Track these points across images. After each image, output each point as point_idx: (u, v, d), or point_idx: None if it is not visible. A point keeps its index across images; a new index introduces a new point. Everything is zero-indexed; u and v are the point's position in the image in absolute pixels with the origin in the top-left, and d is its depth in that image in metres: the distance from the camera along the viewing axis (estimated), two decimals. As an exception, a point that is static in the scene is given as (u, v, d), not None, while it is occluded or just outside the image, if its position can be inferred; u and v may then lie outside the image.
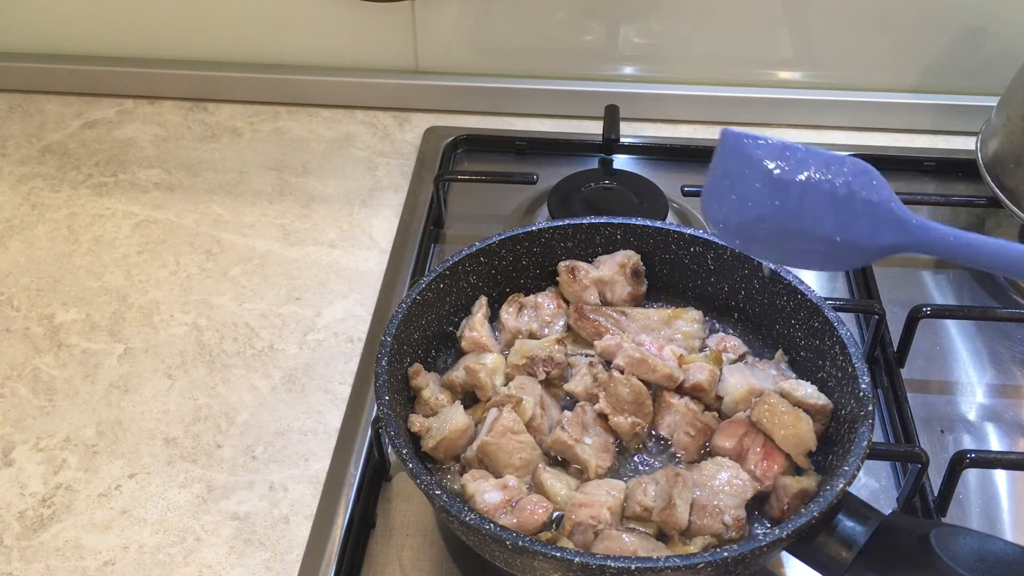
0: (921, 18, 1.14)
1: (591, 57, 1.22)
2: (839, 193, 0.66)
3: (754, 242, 0.69)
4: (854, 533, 0.66)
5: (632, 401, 0.76)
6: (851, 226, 0.66)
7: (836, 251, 0.67)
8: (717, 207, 0.69)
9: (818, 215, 0.66)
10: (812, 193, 0.66)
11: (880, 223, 0.66)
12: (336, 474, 0.82)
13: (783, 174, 0.66)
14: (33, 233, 1.06)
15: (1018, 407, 0.88)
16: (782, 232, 0.67)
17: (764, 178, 0.67)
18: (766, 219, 0.67)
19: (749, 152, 0.67)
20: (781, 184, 0.66)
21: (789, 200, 0.66)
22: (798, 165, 0.66)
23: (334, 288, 1.00)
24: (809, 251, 0.68)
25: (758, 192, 0.67)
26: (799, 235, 0.67)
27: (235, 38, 1.23)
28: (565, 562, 0.62)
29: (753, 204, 0.67)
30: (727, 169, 0.68)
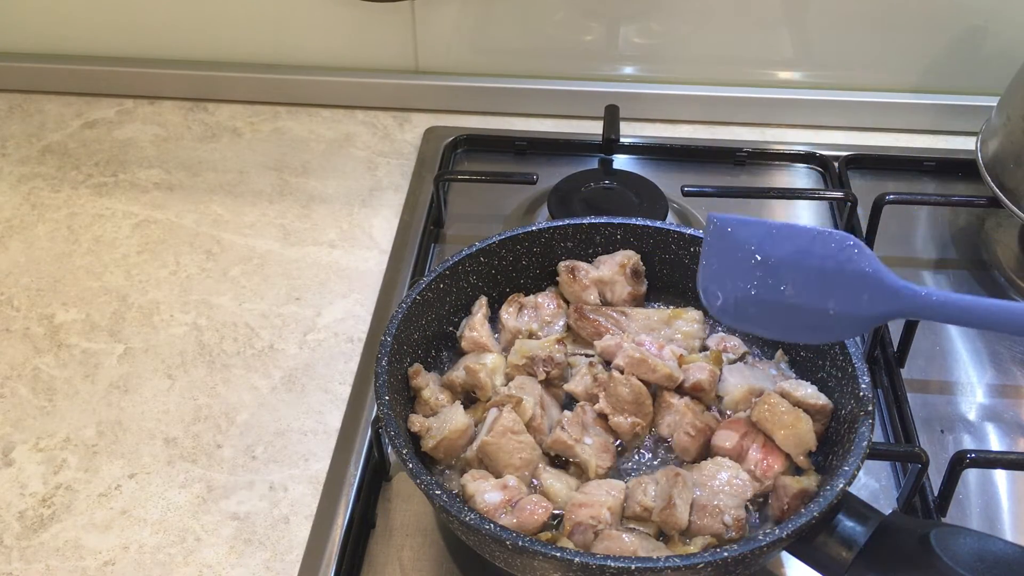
0: (921, 18, 1.14)
1: (591, 57, 1.22)
2: (827, 268, 0.68)
3: (751, 320, 0.72)
4: (854, 533, 0.66)
5: (632, 401, 0.76)
6: (842, 298, 0.68)
7: (831, 323, 0.69)
8: (712, 289, 0.72)
9: (809, 290, 0.69)
10: (801, 270, 0.69)
11: (871, 293, 0.67)
12: (336, 474, 0.82)
13: (770, 254, 0.69)
14: (33, 233, 1.06)
15: (1018, 407, 0.88)
16: (777, 309, 0.70)
17: (752, 259, 0.70)
18: (759, 298, 0.70)
19: (735, 236, 0.70)
20: (769, 264, 0.69)
21: (779, 278, 0.69)
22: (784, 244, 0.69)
23: (334, 288, 1.00)
24: (805, 325, 0.70)
25: (748, 273, 0.70)
26: (793, 311, 0.69)
27: (235, 38, 1.23)
28: (565, 562, 0.62)
29: (745, 284, 0.70)
30: (716, 254, 0.71)
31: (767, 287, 0.70)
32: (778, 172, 1.14)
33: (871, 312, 0.68)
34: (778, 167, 1.15)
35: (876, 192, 1.02)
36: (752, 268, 0.70)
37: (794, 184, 1.13)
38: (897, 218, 1.05)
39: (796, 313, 0.69)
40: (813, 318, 0.69)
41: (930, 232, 1.07)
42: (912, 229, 1.07)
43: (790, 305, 0.69)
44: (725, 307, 0.72)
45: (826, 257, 0.68)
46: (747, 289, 0.70)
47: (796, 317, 0.70)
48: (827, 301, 0.68)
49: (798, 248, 0.69)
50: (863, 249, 0.68)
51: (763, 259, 0.69)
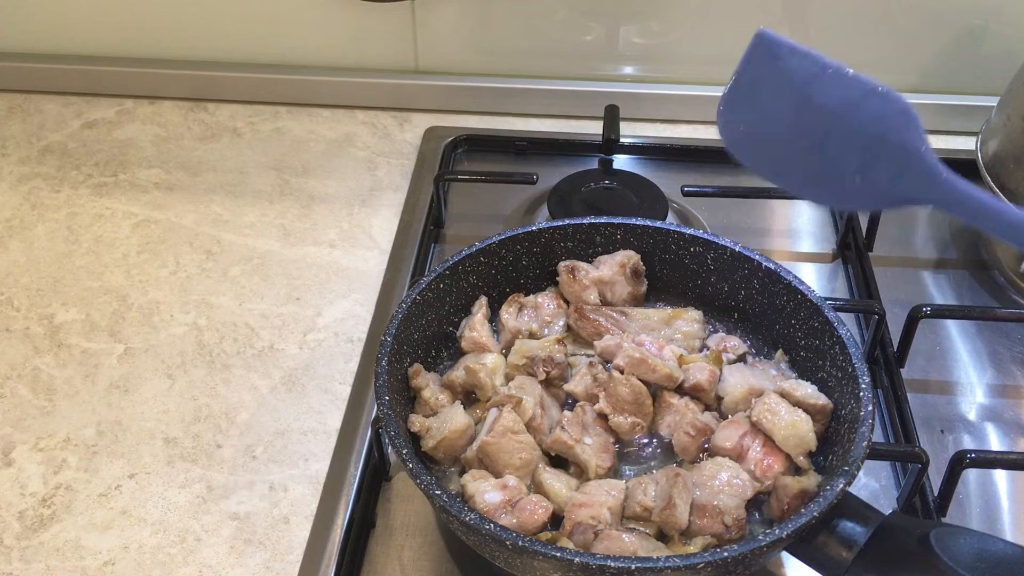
0: (921, 18, 1.14)
1: (591, 57, 1.22)
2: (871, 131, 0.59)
3: (764, 161, 0.64)
4: (854, 533, 0.66)
5: (632, 401, 0.76)
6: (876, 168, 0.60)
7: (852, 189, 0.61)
8: (734, 116, 0.64)
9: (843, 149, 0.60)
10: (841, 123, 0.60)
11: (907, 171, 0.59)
12: (336, 474, 0.82)
13: (814, 95, 0.60)
14: (33, 233, 1.06)
15: (1018, 407, 0.88)
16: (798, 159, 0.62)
17: (793, 96, 0.61)
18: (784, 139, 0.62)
19: (783, 63, 0.61)
20: (811, 107, 0.60)
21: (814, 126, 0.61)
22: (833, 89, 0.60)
23: (334, 288, 1.00)
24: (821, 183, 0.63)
25: (782, 109, 0.61)
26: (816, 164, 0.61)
27: (235, 38, 1.23)
28: (565, 562, 0.62)
29: (774, 122, 0.62)
30: (754, 77, 0.62)
31: (798, 131, 0.61)
32: (778, 172, 1.14)
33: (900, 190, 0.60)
34: (778, 167, 1.15)
35: (876, 192, 1.02)
36: (789, 105, 0.61)
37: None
38: (897, 218, 1.05)
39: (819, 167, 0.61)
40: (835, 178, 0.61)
41: (930, 232, 1.07)
42: (912, 229, 1.07)
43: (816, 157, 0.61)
44: (743, 140, 0.64)
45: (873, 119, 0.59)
46: (774, 127, 0.62)
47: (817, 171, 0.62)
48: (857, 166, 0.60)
49: (846, 99, 0.60)
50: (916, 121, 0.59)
51: (804, 99, 0.60)
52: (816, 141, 0.61)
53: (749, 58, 0.62)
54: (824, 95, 0.60)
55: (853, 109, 0.60)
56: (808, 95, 0.60)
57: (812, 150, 0.61)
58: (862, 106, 0.60)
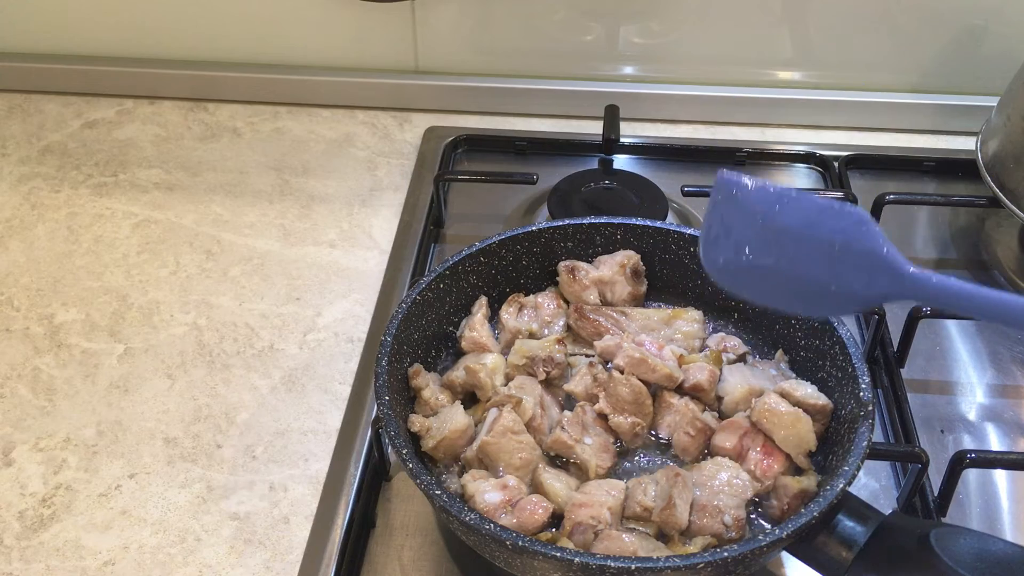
0: (921, 18, 1.14)
1: (591, 57, 1.22)
2: (835, 242, 0.65)
3: (749, 287, 0.70)
4: (854, 533, 0.66)
5: (632, 401, 0.76)
6: (846, 275, 0.66)
7: (831, 298, 0.67)
8: (713, 250, 0.70)
9: (813, 263, 0.66)
10: (807, 242, 0.66)
11: (876, 273, 0.65)
12: (336, 474, 0.82)
13: (777, 222, 0.67)
14: (33, 233, 1.06)
15: (1018, 407, 0.88)
16: (777, 278, 0.68)
17: (759, 225, 0.67)
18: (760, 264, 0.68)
19: (743, 199, 0.68)
20: (776, 232, 0.67)
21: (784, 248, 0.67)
22: (794, 213, 0.66)
23: (334, 288, 1.00)
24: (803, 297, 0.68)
25: (753, 239, 0.68)
26: (794, 282, 0.67)
27: (235, 38, 1.23)
28: (565, 562, 0.62)
29: (748, 251, 0.68)
30: (722, 215, 0.69)
31: (770, 255, 0.67)
32: (778, 172, 1.14)
33: (874, 292, 0.66)
34: (778, 167, 1.15)
35: (876, 192, 1.02)
36: (757, 233, 0.67)
37: (794, 184, 1.13)
38: (897, 218, 1.05)
39: (796, 284, 0.67)
40: (814, 291, 0.67)
41: (930, 232, 1.07)
42: (912, 229, 1.07)
43: (792, 276, 0.67)
44: (724, 270, 0.70)
45: (835, 231, 0.65)
46: (749, 254, 0.68)
47: (796, 288, 0.68)
48: (830, 276, 0.66)
49: (807, 219, 0.66)
50: (873, 226, 0.65)
51: (770, 226, 0.67)
52: (788, 261, 0.67)
53: (714, 200, 0.69)
54: (786, 219, 0.66)
55: (815, 227, 0.66)
56: (772, 223, 0.67)
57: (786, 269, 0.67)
58: (822, 223, 0.66)
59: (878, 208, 1.01)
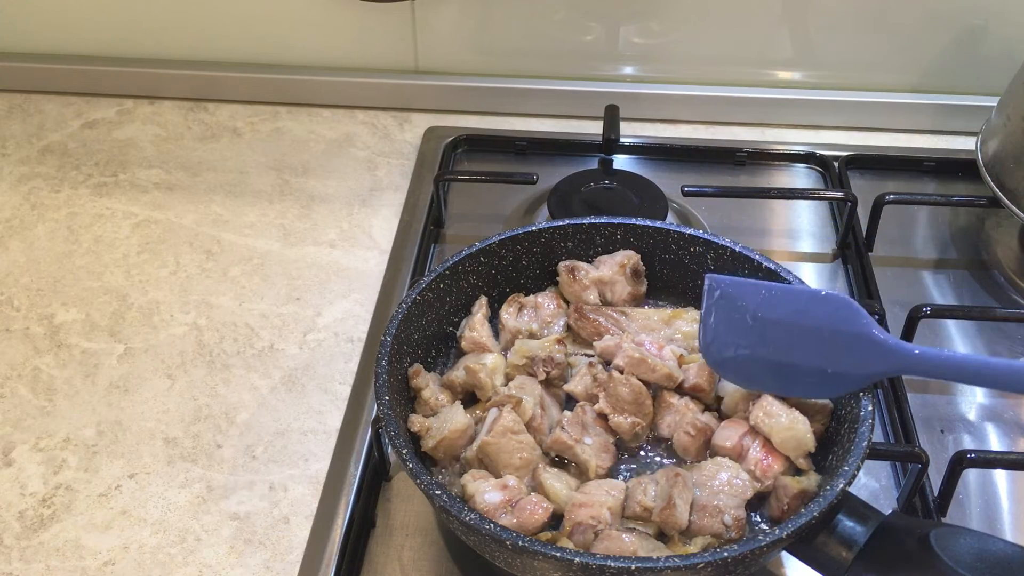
0: (921, 18, 1.14)
1: (591, 57, 1.22)
2: (823, 328, 0.70)
3: (753, 378, 0.74)
4: (854, 533, 0.66)
5: (632, 401, 0.75)
6: (839, 358, 0.70)
7: (828, 381, 0.71)
8: (713, 349, 0.75)
9: (805, 350, 0.71)
10: (797, 331, 0.71)
11: (869, 353, 0.69)
12: (336, 474, 0.82)
13: (766, 316, 0.72)
14: (33, 233, 1.06)
15: (1018, 407, 0.88)
16: (776, 367, 0.72)
17: (749, 320, 0.72)
18: (758, 356, 0.72)
19: (731, 298, 0.73)
20: (766, 324, 0.72)
21: (777, 338, 0.72)
22: (780, 304, 0.72)
23: (334, 288, 1.00)
24: (805, 383, 0.72)
25: (746, 333, 0.73)
26: (792, 369, 0.72)
27: (235, 38, 1.23)
28: (565, 562, 0.62)
29: (744, 344, 0.73)
30: (714, 315, 0.74)
31: (765, 347, 0.72)
32: (778, 172, 1.14)
33: (867, 371, 0.70)
34: (778, 167, 1.15)
35: (876, 192, 1.02)
36: (749, 329, 0.72)
37: (794, 184, 1.13)
38: (897, 218, 1.05)
39: (795, 371, 0.72)
40: (812, 376, 0.71)
41: (930, 232, 1.07)
42: (912, 229, 1.07)
43: (788, 364, 0.72)
44: (727, 365, 0.75)
45: (822, 318, 0.70)
46: (746, 348, 0.73)
47: (795, 375, 0.72)
48: (824, 361, 0.71)
49: (794, 309, 0.71)
50: (857, 310, 0.70)
51: (760, 320, 0.72)
52: (783, 351, 0.72)
53: (706, 302, 0.75)
54: (776, 311, 0.72)
55: (803, 315, 0.71)
56: (762, 316, 0.72)
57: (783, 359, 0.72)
58: (810, 311, 0.71)
59: (878, 208, 1.01)
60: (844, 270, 1.01)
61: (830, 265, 1.02)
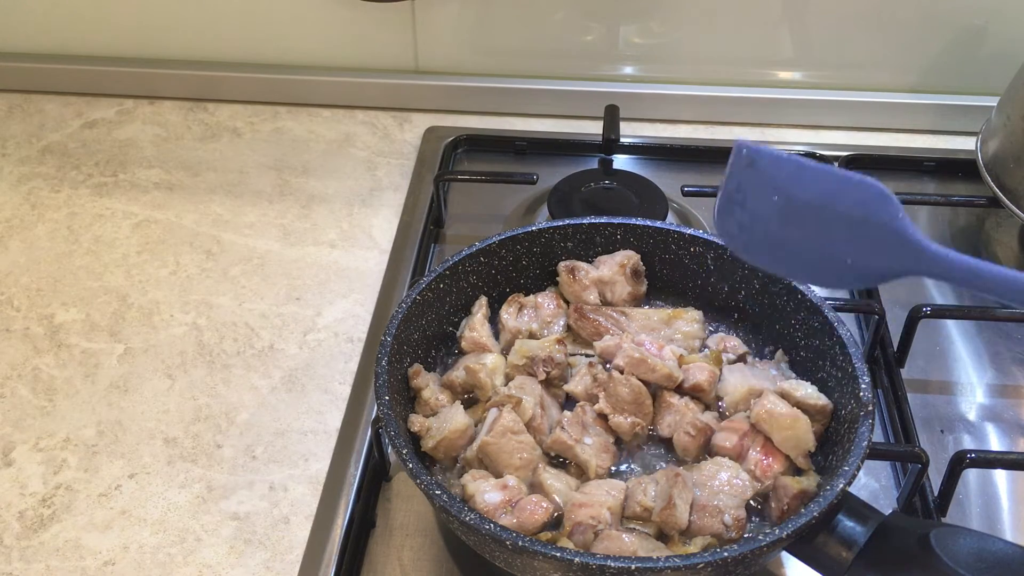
0: (921, 18, 1.14)
1: (591, 57, 1.22)
2: (853, 216, 0.65)
3: (763, 256, 0.69)
4: (854, 533, 0.66)
5: (632, 401, 0.76)
6: (864, 250, 0.65)
7: (846, 271, 0.67)
8: (728, 220, 0.69)
9: (830, 236, 0.66)
10: (825, 214, 0.65)
11: (894, 248, 0.64)
12: (336, 474, 0.82)
13: (796, 194, 0.66)
14: (33, 233, 1.06)
15: (1018, 407, 0.88)
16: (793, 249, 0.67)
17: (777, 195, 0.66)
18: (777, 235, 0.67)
19: (762, 168, 0.67)
20: (793, 203, 0.66)
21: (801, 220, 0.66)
22: (812, 184, 0.66)
23: (334, 288, 1.00)
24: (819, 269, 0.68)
25: (770, 209, 0.67)
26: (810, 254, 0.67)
27: (235, 38, 1.23)
28: (565, 562, 0.62)
29: (765, 221, 0.67)
30: (739, 183, 0.68)
31: (787, 226, 0.66)
32: (778, 172, 1.14)
33: (890, 266, 0.65)
34: (778, 167, 1.15)
35: (876, 192, 1.02)
36: (774, 205, 0.66)
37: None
38: (897, 218, 1.05)
39: (813, 256, 0.67)
40: (830, 264, 0.67)
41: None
42: (912, 229, 1.07)
43: (808, 247, 0.67)
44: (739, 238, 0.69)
45: (853, 205, 0.64)
46: (765, 225, 0.67)
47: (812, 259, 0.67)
48: (847, 249, 0.65)
49: (825, 191, 0.65)
50: (892, 201, 0.64)
51: (788, 198, 0.66)
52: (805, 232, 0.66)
53: (731, 169, 0.68)
54: (805, 191, 0.66)
55: (833, 199, 0.65)
56: (790, 194, 0.66)
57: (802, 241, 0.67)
58: (841, 195, 0.65)
59: (878, 208, 1.01)
60: (844, 270, 1.01)
61: (830, 265, 1.02)
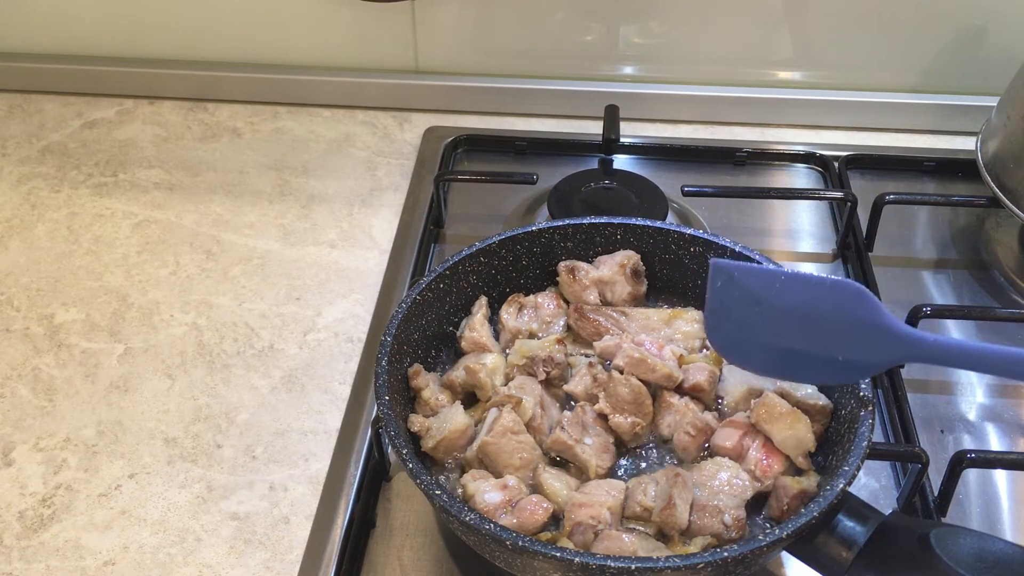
0: (921, 18, 1.14)
1: (591, 57, 1.22)
2: (834, 317, 0.68)
3: (758, 362, 0.73)
4: (854, 533, 0.66)
5: (632, 401, 0.75)
6: (852, 347, 0.68)
7: (838, 367, 0.69)
8: (718, 335, 0.73)
9: (816, 338, 0.68)
10: (807, 319, 0.68)
11: (879, 342, 0.67)
12: (336, 474, 0.82)
13: (775, 304, 0.69)
14: (33, 233, 1.06)
15: (1018, 407, 0.88)
16: (784, 353, 0.70)
17: (758, 306, 0.70)
18: (766, 343, 0.70)
19: (739, 284, 0.70)
20: (775, 311, 0.69)
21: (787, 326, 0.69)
22: (789, 293, 0.69)
23: (334, 288, 1.00)
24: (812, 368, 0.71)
25: (754, 319, 0.70)
26: (799, 355, 0.70)
27: (235, 38, 1.23)
28: (565, 562, 0.62)
29: (752, 330, 0.70)
30: (721, 300, 0.72)
31: (774, 333, 0.70)
32: (778, 172, 1.14)
33: (879, 359, 0.68)
34: (778, 167, 1.15)
35: (876, 192, 1.02)
36: (757, 316, 0.70)
37: (794, 184, 1.13)
38: (897, 218, 1.05)
39: (804, 358, 0.70)
40: (821, 363, 0.69)
41: (930, 232, 1.07)
42: (912, 229, 1.07)
43: (797, 350, 0.70)
44: (731, 348, 0.73)
45: (833, 307, 0.68)
46: (754, 334, 0.71)
47: (804, 361, 0.70)
48: (835, 348, 0.68)
49: (804, 298, 0.69)
50: (869, 298, 0.67)
51: (769, 308, 0.69)
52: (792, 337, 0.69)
53: (711, 287, 0.72)
54: (785, 299, 0.69)
55: (812, 304, 0.68)
56: (771, 303, 0.69)
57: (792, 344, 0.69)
58: (819, 300, 0.68)
59: (878, 208, 1.01)
60: (844, 270, 1.01)
61: (830, 265, 1.02)
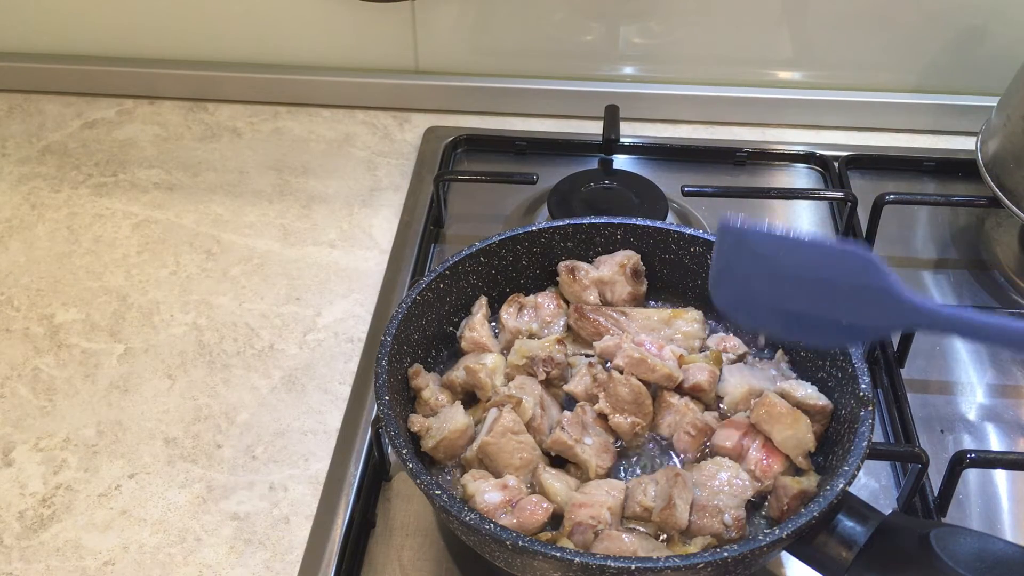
0: (921, 18, 1.14)
1: (591, 57, 1.22)
2: (842, 282, 0.67)
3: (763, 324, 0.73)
4: (854, 533, 0.66)
5: (632, 401, 0.76)
6: (857, 311, 0.67)
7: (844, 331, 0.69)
8: (723, 294, 0.72)
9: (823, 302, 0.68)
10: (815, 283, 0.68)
11: (886, 308, 0.66)
12: (336, 474, 0.82)
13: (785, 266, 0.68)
14: (33, 233, 1.06)
15: (1018, 407, 0.88)
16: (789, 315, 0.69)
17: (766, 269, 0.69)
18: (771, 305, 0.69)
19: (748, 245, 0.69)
20: (783, 275, 0.68)
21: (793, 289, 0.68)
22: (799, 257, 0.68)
23: (334, 288, 1.00)
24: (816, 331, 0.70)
25: (761, 282, 0.69)
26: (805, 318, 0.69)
27: (235, 38, 1.23)
28: (565, 562, 0.62)
29: (758, 293, 0.70)
30: (728, 259, 0.71)
31: (780, 296, 0.69)
32: (778, 172, 1.14)
33: (884, 324, 0.68)
34: (778, 167, 1.15)
35: (876, 192, 1.02)
36: (764, 277, 0.69)
37: (794, 184, 1.13)
38: (897, 218, 1.05)
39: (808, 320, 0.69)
40: (825, 326, 0.69)
41: (930, 232, 1.07)
42: (912, 229, 1.07)
43: (803, 312, 0.69)
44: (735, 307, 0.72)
45: (841, 272, 0.67)
46: (759, 296, 0.70)
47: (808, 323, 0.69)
48: (840, 312, 0.68)
49: (813, 263, 0.68)
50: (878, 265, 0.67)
51: (777, 270, 0.69)
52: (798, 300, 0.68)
53: (719, 248, 0.71)
54: (793, 263, 0.68)
55: (822, 269, 0.68)
56: (779, 267, 0.68)
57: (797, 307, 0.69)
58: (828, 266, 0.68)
59: (878, 208, 1.01)
60: (844, 270, 1.01)
61: (830, 265, 1.02)
